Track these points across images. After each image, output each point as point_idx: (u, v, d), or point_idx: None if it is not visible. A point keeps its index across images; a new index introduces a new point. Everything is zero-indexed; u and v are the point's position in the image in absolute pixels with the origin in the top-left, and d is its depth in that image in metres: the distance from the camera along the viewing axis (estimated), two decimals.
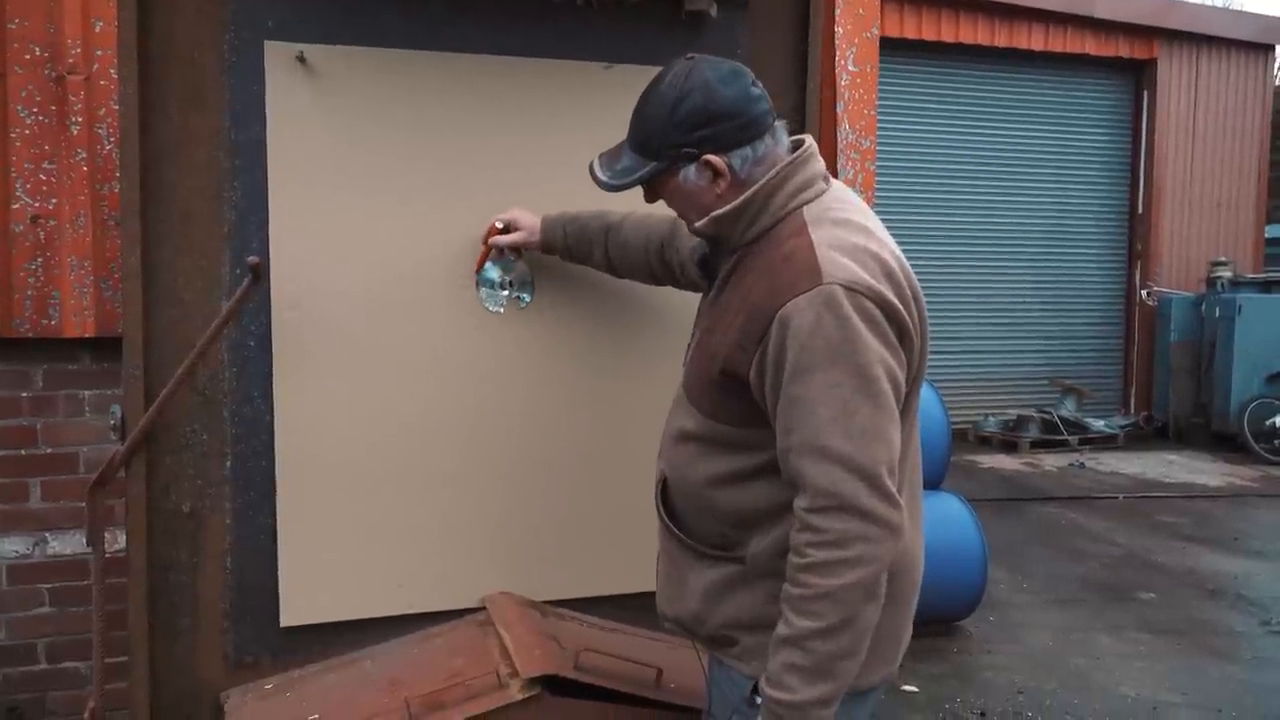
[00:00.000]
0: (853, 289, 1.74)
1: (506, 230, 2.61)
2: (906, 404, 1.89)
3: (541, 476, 2.76)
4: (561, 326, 2.74)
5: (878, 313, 1.75)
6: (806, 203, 1.88)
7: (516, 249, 2.64)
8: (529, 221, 2.60)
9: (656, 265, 2.47)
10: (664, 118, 1.88)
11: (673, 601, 2.08)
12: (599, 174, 2.00)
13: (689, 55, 1.93)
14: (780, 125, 1.94)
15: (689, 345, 2.08)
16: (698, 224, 1.95)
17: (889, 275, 1.79)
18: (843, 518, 1.70)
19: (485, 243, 2.63)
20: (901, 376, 1.79)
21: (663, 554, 2.13)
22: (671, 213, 2.08)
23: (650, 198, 2.02)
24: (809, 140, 1.96)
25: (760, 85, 1.92)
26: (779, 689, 1.75)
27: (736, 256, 1.93)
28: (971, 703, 4.65)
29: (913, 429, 1.99)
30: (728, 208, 1.88)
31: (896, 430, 1.77)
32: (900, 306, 1.78)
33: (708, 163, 1.88)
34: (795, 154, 1.91)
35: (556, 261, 2.69)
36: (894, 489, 1.74)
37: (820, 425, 1.72)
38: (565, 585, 2.80)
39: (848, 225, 1.84)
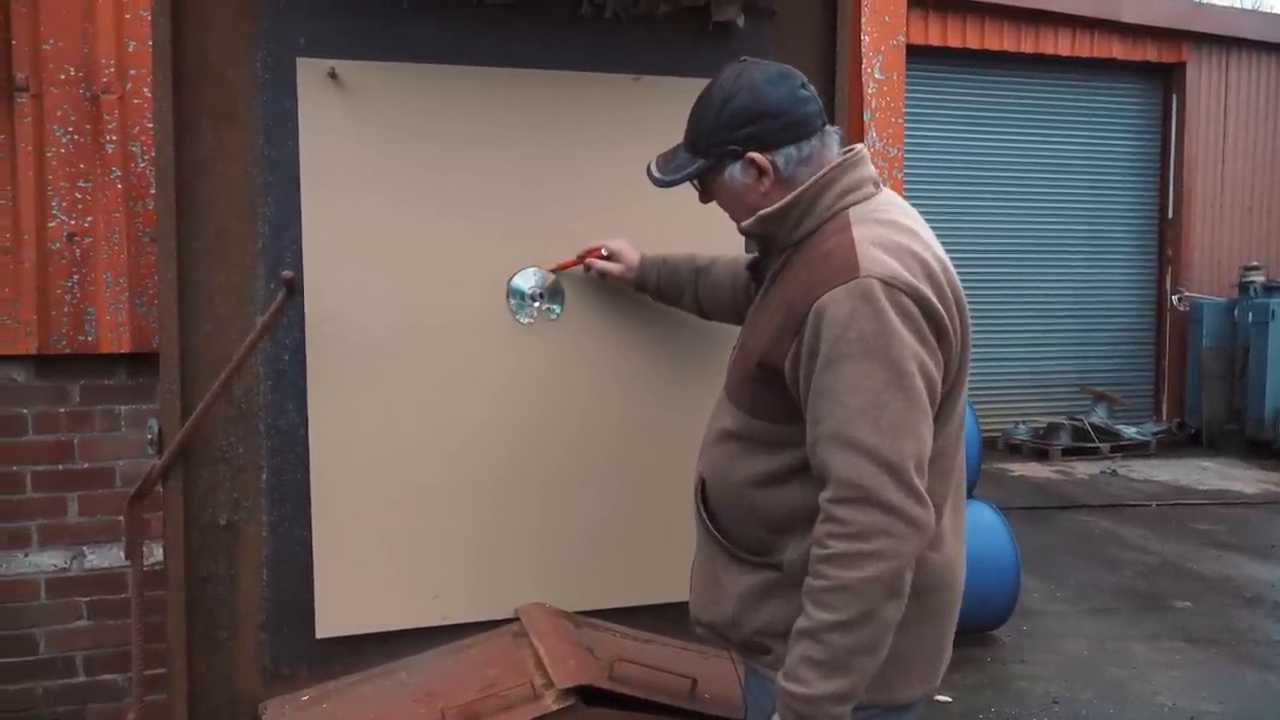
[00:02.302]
0: (890, 284, 1.73)
1: (609, 258, 2.64)
2: (949, 412, 1.88)
3: (574, 487, 2.76)
4: (591, 338, 2.75)
5: (915, 309, 1.75)
6: (854, 204, 1.90)
7: (604, 275, 2.67)
8: (630, 258, 2.63)
9: (743, 304, 2.46)
10: (712, 116, 1.94)
11: (708, 606, 2.08)
12: (653, 171, 2.06)
13: (742, 58, 1.98)
14: (832, 130, 1.97)
15: (734, 347, 2.08)
16: (745, 223, 1.97)
17: (930, 276, 1.79)
18: (866, 510, 1.69)
19: (580, 257, 2.66)
20: (938, 376, 1.78)
21: (699, 558, 2.13)
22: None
23: (704, 198, 2.07)
24: (860, 146, 1.98)
25: (811, 88, 1.95)
26: (794, 682, 1.73)
27: (784, 257, 1.95)
28: (1006, 713, 4.62)
29: (958, 440, 1.96)
30: (774, 207, 1.90)
31: (928, 427, 1.76)
32: (939, 306, 1.78)
33: (752, 160, 1.91)
34: (844, 157, 1.93)
35: (585, 275, 2.71)
36: (921, 486, 1.72)
37: (848, 416, 1.71)
38: (599, 595, 2.80)
39: (893, 226, 1.85)
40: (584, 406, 2.76)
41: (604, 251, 2.65)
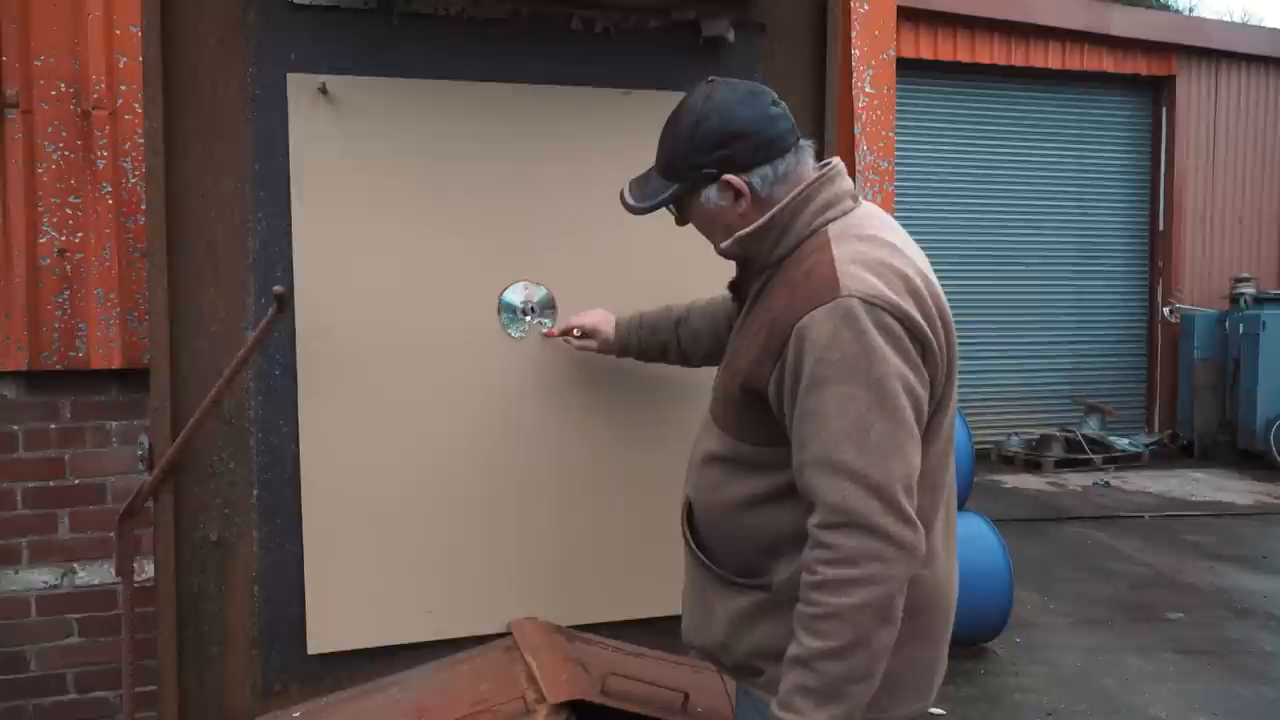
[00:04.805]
0: (872, 302, 1.72)
1: (584, 336, 2.63)
2: (937, 428, 1.87)
3: (566, 502, 2.76)
4: (583, 352, 2.74)
5: (898, 327, 1.73)
6: (832, 220, 1.88)
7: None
8: (605, 332, 2.61)
9: (726, 342, 2.46)
10: (683, 140, 1.91)
11: (699, 630, 2.07)
12: (627, 198, 2.03)
13: (710, 79, 1.95)
14: (806, 145, 1.95)
15: (718, 369, 2.08)
16: (723, 244, 1.95)
17: (913, 292, 1.77)
18: (854, 535, 1.67)
19: (561, 332, 2.67)
20: (924, 394, 1.77)
21: (688, 581, 2.11)
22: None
23: (680, 221, 2.05)
24: (836, 160, 1.96)
25: (781, 105, 1.93)
26: (788, 710, 1.71)
27: (765, 276, 1.93)
28: None
29: (946, 456, 1.95)
30: (751, 227, 1.88)
31: (915, 447, 1.74)
32: (924, 323, 1.76)
33: (727, 183, 1.89)
34: (821, 173, 1.91)
35: (577, 286, 2.71)
36: (910, 508, 1.70)
37: (833, 439, 1.69)
38: (591, 610, 2.80)
39: (873, 241, 1.83)
40: (576, 421, 2.76)
41: (576, 332, 2.64)
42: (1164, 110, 12.46)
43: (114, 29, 3.44)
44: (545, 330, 2.72)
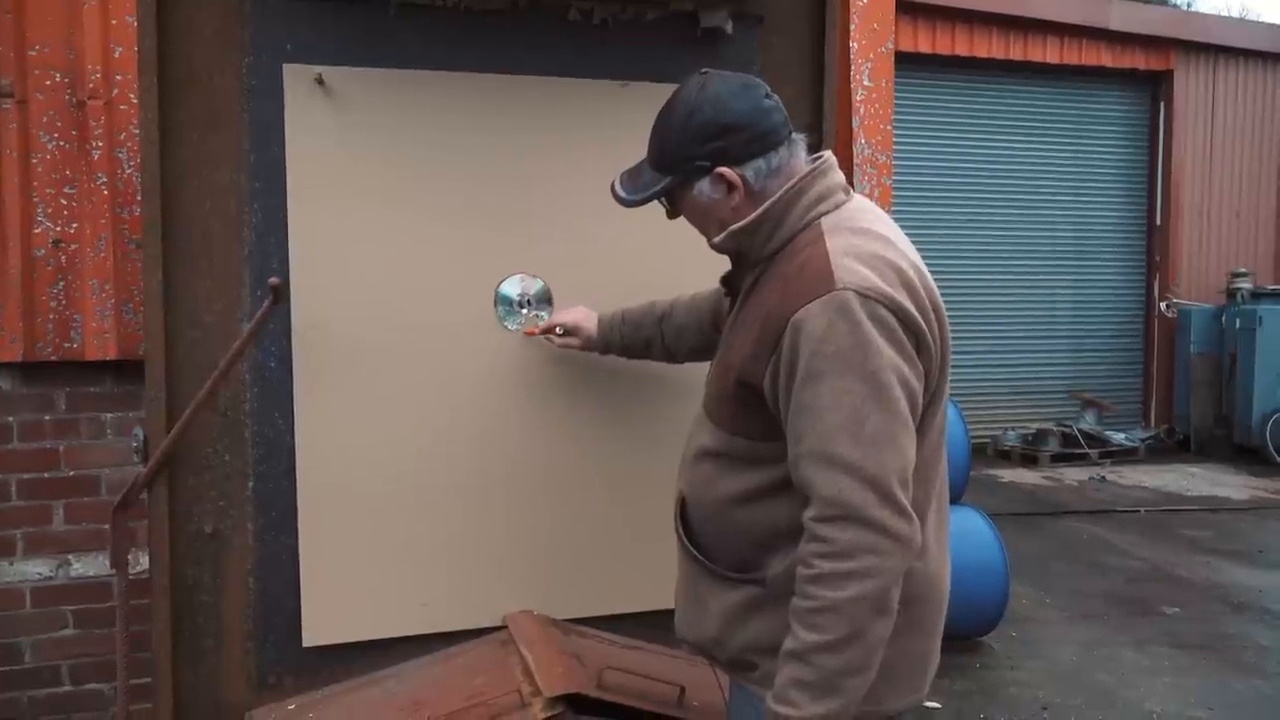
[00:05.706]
0: (866, 295, 1.72)
1: (566, 334, 2.62)
2: (930, 421, 1.87)
3: (562, 495, 2.76)
4: (566, 350, 2.73)
5: (892, 320, 1.73)
6: (825, 213, 1.87)
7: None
8: (587, 329, 2.60)
9: (711, 338, 2.42)
10: (677, 132, 1.90)
11: (692, 625, 2.06)
12: (619, 191, 2.02)
13: (703, 70, 1.94)
14: (798, 138, 1.94)
15: (711, 364, 2.07)
16: (716, 239, 1.94)
17: (907, 285, 1.77)
18: (850, 528, 1.67)
19: (542, 331, 2.66)
20: (918, 386, 1.77)
21: (681, 576, 2.11)
22: (716, 287, 2.10)
23: (671, 214, 2.04)
24: (827, 153, 1.96)
25: (775, 98, 1.92)
26: (784, 704, 1.71)
27: (758, 270, 1.92)
28: (996, 719, 4.61)
29: (938, 449, 1.95)
30: (745, 221, 1.88)
31: (911, 440, 1.74)
32: (918, 316, 1.76)
33: (721, 175, 1.88)
34: (813, 166, 1.91)
35: (574, 279, 2.70)
36: (906, 500, 1.70)
37: (828, 432, 1.69)
38: (586, 603, 2.79)
39: (866, 234, 1.83)
40: (571, 414, 2.76)
41: (559, 330, 2.62)
42: (1162, 105, 12.44)
43: (109, 19, 3.43)
44: (526, 329, 2.71)
